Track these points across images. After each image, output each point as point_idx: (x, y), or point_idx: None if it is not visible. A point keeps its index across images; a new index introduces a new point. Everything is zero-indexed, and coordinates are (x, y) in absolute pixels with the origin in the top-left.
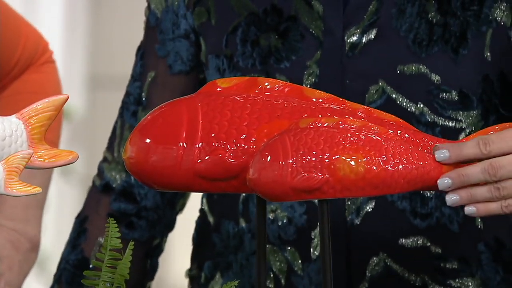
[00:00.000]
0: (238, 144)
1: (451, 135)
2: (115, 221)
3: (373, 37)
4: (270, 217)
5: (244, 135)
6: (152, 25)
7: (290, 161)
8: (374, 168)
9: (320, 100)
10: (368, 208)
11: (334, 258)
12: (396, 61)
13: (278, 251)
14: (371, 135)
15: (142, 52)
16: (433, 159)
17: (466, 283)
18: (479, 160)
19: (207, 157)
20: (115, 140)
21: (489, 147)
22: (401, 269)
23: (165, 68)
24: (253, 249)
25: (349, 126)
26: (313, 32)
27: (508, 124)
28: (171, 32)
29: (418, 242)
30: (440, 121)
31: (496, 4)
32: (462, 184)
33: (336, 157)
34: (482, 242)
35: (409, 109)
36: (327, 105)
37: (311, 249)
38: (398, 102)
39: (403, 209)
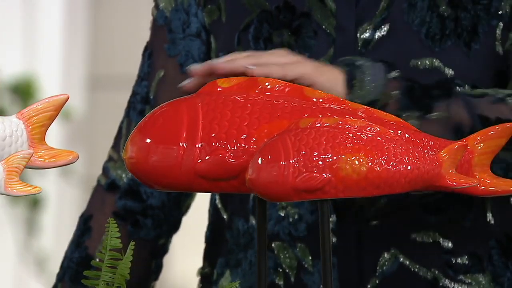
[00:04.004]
0: (239, 144)
1: None
2: (115, 221)
3: (385, 32)
4: (281, 214)
5: (245, 135)
6: (161, 24)
7: (292, 161)
8: (376, 168)
9: (321, 100)
10: (380, 203)
11: (345, 253)
12: (409, 55)
13: (288, 248)
14: (372, 135)
15: (150, 52)
16: (433, 158)
17: (477, 279)
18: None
19: (207, 157)
20: (121, 139)
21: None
22: (413, 264)
23: (175, 67)
24: None
25: (350, 126)
26: (326, 29)
27: (508, 124)
28: (182, 31)
29: (430, 237)
30: None
31: None
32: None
33: (338, 156)
34: (493, 238)
35: None
36: (328, 105)
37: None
38: None
39: (415, 204)
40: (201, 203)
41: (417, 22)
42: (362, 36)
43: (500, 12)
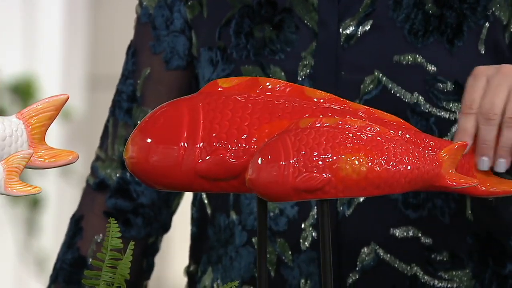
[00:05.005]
0: (239, 144)
1: (445, 126)
2: (116, 221)
3: (368, 28)
4: None
5: (245, 135)
6: (145, 22)
7: (292, 161)
8: (376, 168)
9: (321, 100)
10: (360, 198)
11: None
12: (392, 51)
13: (268, 243)
14: (372, 135)
15: (134, 50)
16: (433, 159)
17: (457, 275)
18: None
19: (208, 157)
20: (108, 139)
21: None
22: (392, 259)
23: (160, 64)
24: (243, 241)
25: (350, 126)
26: (308, 23)
27: None
28: (165, 27)
29: (409, 233)
30: (435, 112)
31: None
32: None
33: (338, 157)
34: (472, 235)
35: (404, 99)
36: (328, 105)
37: (301, 240)
38: (393, 92)
39: (395, 199)
40: None
41: (401, 18)
42: (344, 32)
43: (487, 13)
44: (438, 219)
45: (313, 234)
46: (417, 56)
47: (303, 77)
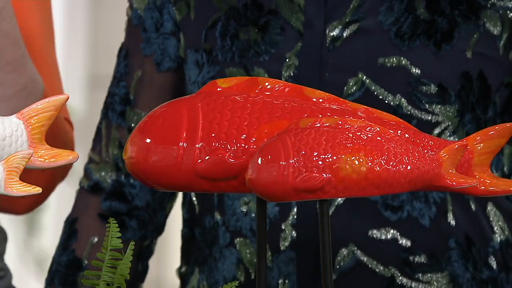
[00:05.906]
0: (239, 144)
1: (427, 128)
2: (115, 221)
3: (354, 30)
4: (244, 209)
5: (245, 135)
6: (135, 24)
7: (292, 161)
8: (376, 168)
9: (321, 100)
10: (340, 199)
11: (304, 248)
12: (377, 53)
13: (249, 244)
14: (372, 135)
15: (126, 52)
16: (433, 158)
17: (435, 278)
18: None
19: (207, 157)
20: (101, 141)
21: None
22: (370, 261)
23: (151, 66)
24: (226, 242)
25: (350, 126)
26: (294, 25)
27: (508, 124)
28: (155, 29)
29: (388, 235)
30: (417, 114)
31: (486, 10)
32: None
33: (338, 157)
34: (452, 239)
35: (386, 101)
36: (328, 105)
37: (280, 241)
38: (376, 94)
39: (375, 201)
40: None
41: (389, 21)
42: (331, 33)
43: (479, 22)
44: (418, 222)
45: (293, 234)
46: (402, 58)
47: (287, 77)
